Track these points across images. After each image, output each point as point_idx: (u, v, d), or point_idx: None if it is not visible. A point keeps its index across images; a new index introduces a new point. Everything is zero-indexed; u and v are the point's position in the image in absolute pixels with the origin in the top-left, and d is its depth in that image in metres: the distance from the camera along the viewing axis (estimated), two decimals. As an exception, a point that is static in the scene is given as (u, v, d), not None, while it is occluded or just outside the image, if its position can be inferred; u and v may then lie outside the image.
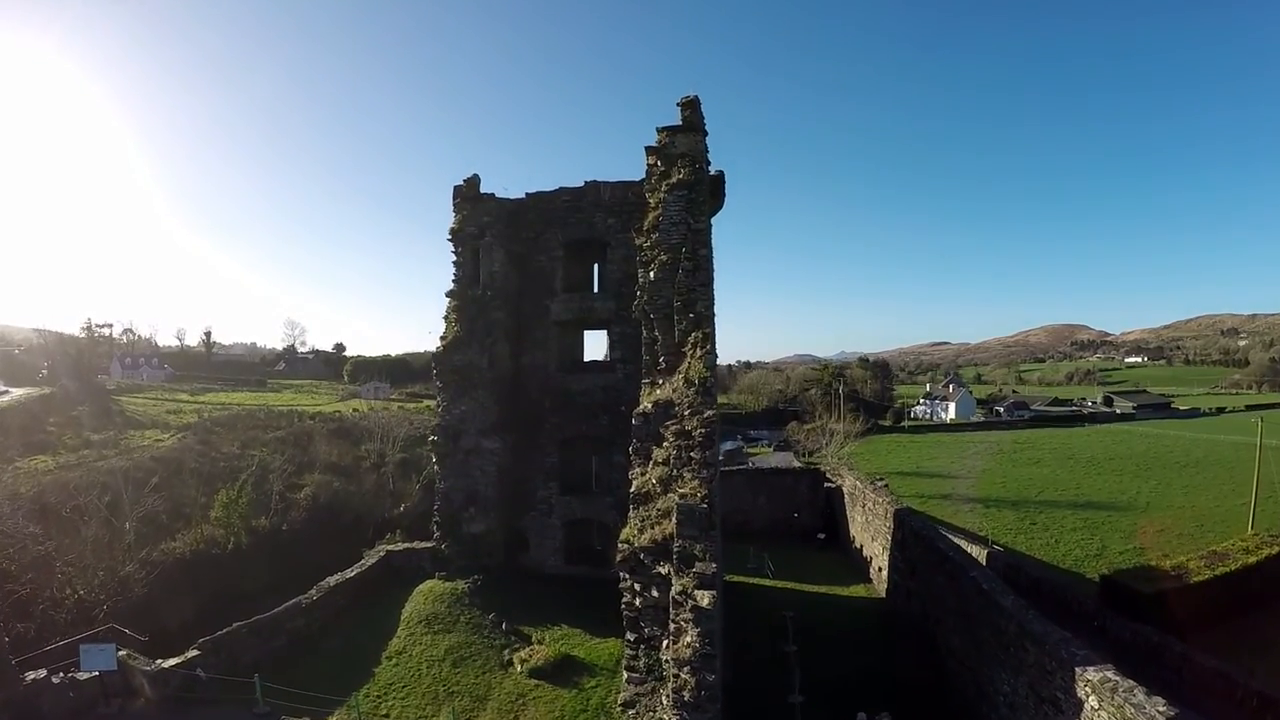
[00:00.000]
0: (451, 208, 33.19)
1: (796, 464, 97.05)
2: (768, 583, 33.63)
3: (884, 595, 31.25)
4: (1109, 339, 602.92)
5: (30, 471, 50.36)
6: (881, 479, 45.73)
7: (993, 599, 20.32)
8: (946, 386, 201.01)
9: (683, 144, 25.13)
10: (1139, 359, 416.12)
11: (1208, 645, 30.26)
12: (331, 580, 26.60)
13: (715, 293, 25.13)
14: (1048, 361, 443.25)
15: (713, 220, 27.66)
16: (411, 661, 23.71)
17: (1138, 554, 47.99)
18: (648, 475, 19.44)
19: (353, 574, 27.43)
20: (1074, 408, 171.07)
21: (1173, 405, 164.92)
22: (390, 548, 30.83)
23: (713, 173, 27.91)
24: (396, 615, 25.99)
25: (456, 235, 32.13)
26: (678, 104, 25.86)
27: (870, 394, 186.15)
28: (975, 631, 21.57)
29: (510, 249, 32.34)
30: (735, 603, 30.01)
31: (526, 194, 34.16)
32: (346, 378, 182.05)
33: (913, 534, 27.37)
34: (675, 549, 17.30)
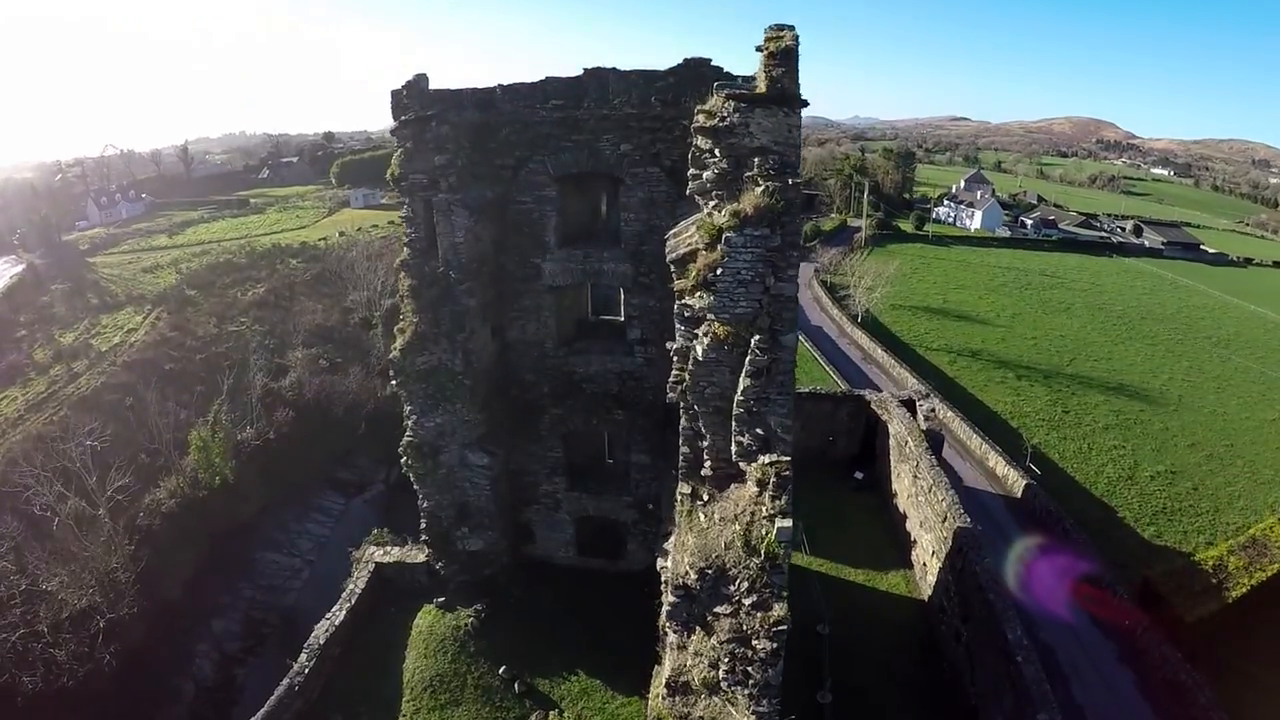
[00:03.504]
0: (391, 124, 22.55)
1: (816, 284, 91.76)
2: (801, 561, 30.74)
3: (926, 599, 28.72)
4: (1135, 142, 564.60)
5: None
6: (924, 397, 41.89)
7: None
8: (972, 190, 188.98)
9: (764, 127, 14.74)
10: (1165, 172, 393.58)
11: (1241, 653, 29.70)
12: (320, 635, 23.19)
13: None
14: (1071, 159, 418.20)
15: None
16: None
17: (1168, 481, 46.65)
18: (686, 662, 14.92)
19: (342, 615, 24.06)
20: (1103, 234, 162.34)
21: (1201, 247, 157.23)
22: (380, 557, 27.28)
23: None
24: (398, 667, 23.29)
25: (399, 183, 22.63)
26: (759, 48, 15.06)
27: (891, 185, 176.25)
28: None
29: (479, 195, 22.84)
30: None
31: (499, 88, 23.59)
32: (334, 180, 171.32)
33: (973, 578, 23.77)
34: (728, 795, 13.54)
